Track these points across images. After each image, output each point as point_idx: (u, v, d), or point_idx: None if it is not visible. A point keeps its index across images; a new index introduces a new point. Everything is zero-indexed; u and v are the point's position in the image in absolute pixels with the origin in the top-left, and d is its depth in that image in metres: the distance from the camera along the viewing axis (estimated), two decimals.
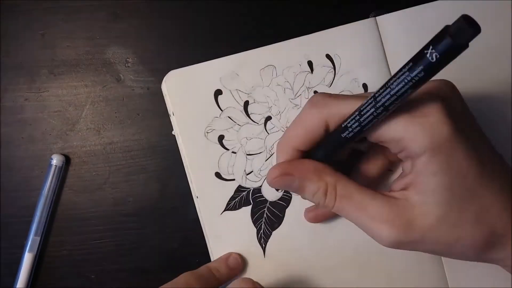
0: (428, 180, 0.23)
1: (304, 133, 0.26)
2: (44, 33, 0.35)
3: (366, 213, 0.24)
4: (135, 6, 0.35)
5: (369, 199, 0.24)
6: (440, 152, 0.22)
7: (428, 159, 0.22)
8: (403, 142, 0.23)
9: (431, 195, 0.23)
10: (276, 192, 0.32)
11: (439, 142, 0.22)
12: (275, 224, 0.32)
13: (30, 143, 0.35)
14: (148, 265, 0.35)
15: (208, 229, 0.32)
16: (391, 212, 0.24)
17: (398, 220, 0.23)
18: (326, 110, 0.25)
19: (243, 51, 0.32)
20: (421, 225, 0.23)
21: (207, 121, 0.32)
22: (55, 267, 0.35)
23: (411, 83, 0.20)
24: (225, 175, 0.32)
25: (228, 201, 0.32)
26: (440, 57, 0.18)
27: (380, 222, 0.24)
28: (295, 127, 0.26)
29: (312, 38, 0.32)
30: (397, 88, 0.20)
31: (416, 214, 0.23)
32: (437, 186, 0.22)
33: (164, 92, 0.31)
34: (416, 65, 0.19)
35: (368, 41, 0.32)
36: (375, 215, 0.24)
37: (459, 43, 0.18)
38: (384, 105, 0.21)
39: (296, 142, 0.26)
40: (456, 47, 0.18)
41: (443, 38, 0.18)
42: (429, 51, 0.18)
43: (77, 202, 0.35)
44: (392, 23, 0.33)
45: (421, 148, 0.22)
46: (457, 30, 0.18)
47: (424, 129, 0.22)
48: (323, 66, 0.32)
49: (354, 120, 0.23)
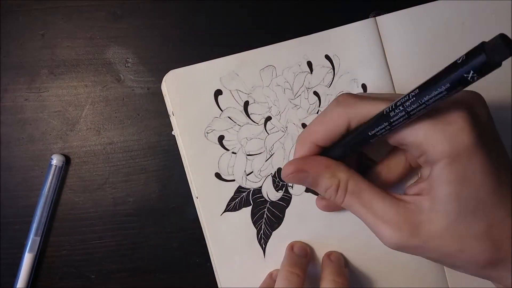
0: (442, 187, 0.22)
1: (326, 129, 0.26)
2: (44, 33, 0.35)
3: (373, 212, 0.24)
4: (135, 6, 0.35)
5: (378, 199, 0.25)
6: (457, 161, 0.22)
7: (445, 166, 0.22)
8: (423, 147, 0.23)
9: (442, 203, 0.23)
10: (276, 192, 0.32)
11: (458, 151, 0.22)
12: (275, 225, 0.32)
13: (30, 143, 0.35)
14: (148, 265, 0.35)
15: (208, 230, 0.32)
16: (398, 214, 0.24)
17: (403, 223, 0.23)
18: (351, 110, 0.25)
19: (243, 51, 0.32)
20: (425, 232, 0.23)
21: (207, 121, 0.32)
22: (55, 267, 0.35)
23: (443, 97, 0.20)
24: (225, 175, 0.32)
25: (228, 202, 0.32)
26: (475, 73, 0.18)
27: (385, 223, 0.24)
28: (318, 123, 0.27)
29: (312, 39, 0.32)
30: (427, 99, 0.20)
31: (423, 219, 0.23)
32: (449, 195, 0.22)
33: (164, 92, 0.31)
34: (447, 78, 0.19)
35: (368, 41, 0.32)
36: (382, 215, 0.24)
37: (493, 61, 0.18)
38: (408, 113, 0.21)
39: (317, 138, 0.27)
40: (490, 65, 0.18)
41: (478, 55, 0.18)
42: (464, 68, 0.19)
43: (77, 202, 0.35)
44: (392, 23, 0.33)
45: (440, 155, 0.22)
46: (493, 48, 0.18)
47: (445, 136, 0.22)
48: (322, 67, 0.32)
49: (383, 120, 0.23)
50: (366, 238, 0.32)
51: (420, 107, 0.21)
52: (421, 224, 0.23)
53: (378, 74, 0.32)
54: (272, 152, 0.32)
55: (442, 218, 0.23)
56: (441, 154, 0.22)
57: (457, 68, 0.19)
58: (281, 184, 0.32)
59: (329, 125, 0.26)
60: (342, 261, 0.31)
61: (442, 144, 0.22)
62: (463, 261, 0.23)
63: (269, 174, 0.32)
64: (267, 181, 0.32)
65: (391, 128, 0.23)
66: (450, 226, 0.23)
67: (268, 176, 0.32)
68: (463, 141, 0.22)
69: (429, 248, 0.23)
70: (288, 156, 0.32)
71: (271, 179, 0.32)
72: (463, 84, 0.19)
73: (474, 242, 0.23)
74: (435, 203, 0.23)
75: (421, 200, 0.24)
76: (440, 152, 0.22)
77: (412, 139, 0.23)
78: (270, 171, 0.32)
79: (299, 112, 0.32)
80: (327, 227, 0.32)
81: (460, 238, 0.23)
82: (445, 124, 0.22)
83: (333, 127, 0.26)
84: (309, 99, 0.32)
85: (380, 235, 0.24)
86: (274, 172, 0.32)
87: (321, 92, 0.32)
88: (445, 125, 0.22)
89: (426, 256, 0.24)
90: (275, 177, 0.32)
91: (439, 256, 0.24)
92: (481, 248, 0.23)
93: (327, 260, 0.31)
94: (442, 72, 0.20)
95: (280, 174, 0.32)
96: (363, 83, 0.32)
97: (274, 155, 0.32)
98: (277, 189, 0.32)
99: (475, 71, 0.18)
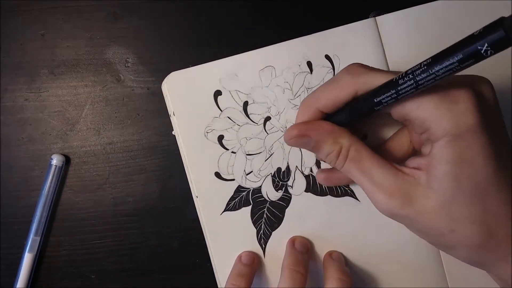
0: (440, 166, 0.22)
1: (333, 96, 0.26)
2: (44, 33, 0.35)
3: (370, 179, 0.25)
4: (135, 6, 0.35)
5: (378, 167, 0.25)
6: (459, 141, 0.22)
7: (446, 144, 0.22)
8: (427, 123, 0.23)
9: (439, 181, 0.23)
10: (276, 192, 0.32)
11: (461, 131, 0.22)
12: (275, 224, 0.32)
13: (30, 143, 0.35)
14: (148, 265, 0.35)
15: (208, 230, 0.32)
16: (395, 183, 0.24)
17: (398, 192, 0.24)
18: (360, 79, 0.25)
19: (243, 51, 0.32)
20: (419, 205, 0.23)
21: (207, 121, 0.32)
22: (55, 267, 0.35)
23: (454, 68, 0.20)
24: (225, 175, 0.32)
25: (228, 201, 0.32)
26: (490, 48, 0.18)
27: (380, 189, 0.24)
28: (325, 89, 0.27)
29: (312, 39, 0.32)
30: (438, 69, 0.20)
31: (418, 193, 0.23)
32: (447, 174, 0.22)
33: (164, 92, 0.31)
34: (464, 51, 0.19)
35: (367, 41, 0.32)
36: (379, 182, 0.24)
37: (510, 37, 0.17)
38: (417, 82, 0.21)
39: (322, 103, 0.27)
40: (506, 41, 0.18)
41: (496, 30, 0.18)
42: (480, 41, 0.18)
43: (77, 202, 0.35)
44: (392, 23, 0.32)
45: (442, 132, 0.22)
46: None
47: (450, 114, 0.22)
48: (322, 67, 0.32)
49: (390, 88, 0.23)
50: (366, 237, 0.32)
51: (430, 77, 0.21)
52: (416, 197, 0.23)
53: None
54: (271, 152, 0.32)
55: (438, 196, 0.23)
56: (444, 131, 0.22)
57: (473, 41, 0.19)
58: (281, 184, 0.32)
59: (335, 91, 0.26)
60: (343, 260, 0.32)
61: (446, 122, 0.22)
62: (453, 241, 0.23)
63: (269, 174, 0.32)
64: (266, 181, 0.32)
65: (397, 96, 0.22)
66: (444, 205, 0.23)
67: (267, 176, 0.32)
68: (467, 121, 0.22)
69: (420, 221, 0.23)
70: (287, 156, 0.32)
71: (271, 179, 0.32)
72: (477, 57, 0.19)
73: (466, 224, 0.23)
74: (432, 180, 0.23)
75: (419, 175, 0.24)
76: (443, 129, 0.22)
77: (417, 114, 0.23)
78: (270, 171, 0.32)
79: None
80: (327, 226, 0.32)
81: (452, 218, 0.23)
82: (451, 103, 0.22)
83: (339, 94, 0.26)
84: None
85: (374, 201, 0.25)
86: (274, 172, 0.32)
87: None
88: (451, 104, 0.22)
89: (416, 229, 0.24)
90: (274, 177, 0.32)
91: (428, 231, 0.24)
92: (473, 232, 0.23)
93: (329, 260, 0.31)
94: (457, 44, 0.19)
95: (280, 175, 0.32)
96: None
97: (273, 154, 0.32)
98: (276, 189, 0.32)
99: (490, 45, 0.18)
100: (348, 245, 0.32)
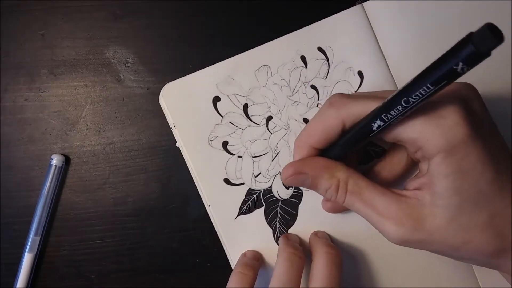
0: (441, 182, 0.23)
1: (321, 132, 0.26)
2: (44, 33, 0.35)
3: (374, 209, 0.25)
4: (135, 6, 0.35)
5: (379, 196, 0.25)
6: (454, 154, 0.22)
7: (441, 160, 0.22)
8: (419, 142, 0.23)
9: (442, 197, 0.23)
10: (287, 190, 0.32)
11: (453, 144, 0.22)
12: (290, 222, 0.32)
13: (30, 143, 0.35)
14: (148, 265, 0.35)
15: (224, 236, 0.32)
16: (400, 210, 0.24)
17: (405, 218, 0.24)
18: (343, 111, 0.25)
19: (243, 50, 0.32)
20: (429, 226, 0.23)
21: (209, 129, 0.31)
22: (55, 267, 0.35)
23: (431, 90, 0.20)
24: (234, 180, 0.32)
25: (240, 206, 0.32)
26: (462, 65, 0.18)
27: (387, 219, 0.24)
28: (313, 125, 0.27)
29: (302, 33, 0.32)
30: (418, 94, 0.20)
31: (425, 214, 0.23)
32: (448, 189, 0.22)
33: (162, 106, 0.31)
34: (437, 71, 0.19)
35: (358, 28, 0.32)
36: (384, 212, 0.24)
37: (481, 51, 0.18)
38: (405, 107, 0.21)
39: (313, 140, 0.27)
40: (478, 55, 0.18)
41: (466, 46, 0.18)
42: (452, 59, 0.18)
43: (77, 202, 0.35)
44: (380, 7, 0.32)
45: (435, 149, 0.22)
46: (481, 38, 0.17)
47: (439, 130, 0.22)
48: (316, 59, 0.32)
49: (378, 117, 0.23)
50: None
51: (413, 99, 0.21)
52: (424, 219, 0.23)
53: (373, 59, 0.32)
54: (277, 151, 0.32)
55: (444, 212, 0.23)
56: (437, 148, 0.22)
57: (446, 61, 0.19)
58: None
59: (324, 127, 0.26)
60: (328, 238, 0.31)
61: (437, 139, 0.22)
62: (470, 252, 0.23)
63: (278, 173, 0.32)
64: (276, 180, 0.32)
65: (386, 125, 0.23)
66: (453, 219, 0.23)
67: (276, 175, 0.32)
68: (458, 134, 0.22)
69: (433, 242, 0.23)
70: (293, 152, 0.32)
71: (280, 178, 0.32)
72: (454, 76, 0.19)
73: (478, 232, 0.23)
74: (436, 198, 0.23)
75: (422, 195, 0.24)
76: (436, 146, 0.22)
77: (407, 135, 0.23)
78: (278, 170, 0.32)
79: (299, 108, 0.32)
80: (342, 218, 0.32)
81: (464, 230, 0.23)
82: (439, 118, 0.22)
83: (328, 129, 0.26)
84: (307, 93, 0.32)
85: (384, 232, 0.24)
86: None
87: (319, 85, 0.32)
88: (439, 119, 0.22)
89: (432, 249, 0.24)
90: None
91: (444, 249, 0.24)
92: (486, 238, 0.23)
93: (315, 238, 0.31)
94: (431, 66, 0.20)
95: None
96: (359, 70, 0.32)
97: (279, 153, 0.32)
98: (287, 187, 0.32)
99: (464, 62, 0.18)
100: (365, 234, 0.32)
